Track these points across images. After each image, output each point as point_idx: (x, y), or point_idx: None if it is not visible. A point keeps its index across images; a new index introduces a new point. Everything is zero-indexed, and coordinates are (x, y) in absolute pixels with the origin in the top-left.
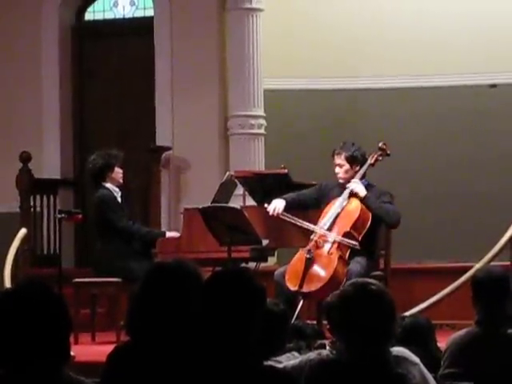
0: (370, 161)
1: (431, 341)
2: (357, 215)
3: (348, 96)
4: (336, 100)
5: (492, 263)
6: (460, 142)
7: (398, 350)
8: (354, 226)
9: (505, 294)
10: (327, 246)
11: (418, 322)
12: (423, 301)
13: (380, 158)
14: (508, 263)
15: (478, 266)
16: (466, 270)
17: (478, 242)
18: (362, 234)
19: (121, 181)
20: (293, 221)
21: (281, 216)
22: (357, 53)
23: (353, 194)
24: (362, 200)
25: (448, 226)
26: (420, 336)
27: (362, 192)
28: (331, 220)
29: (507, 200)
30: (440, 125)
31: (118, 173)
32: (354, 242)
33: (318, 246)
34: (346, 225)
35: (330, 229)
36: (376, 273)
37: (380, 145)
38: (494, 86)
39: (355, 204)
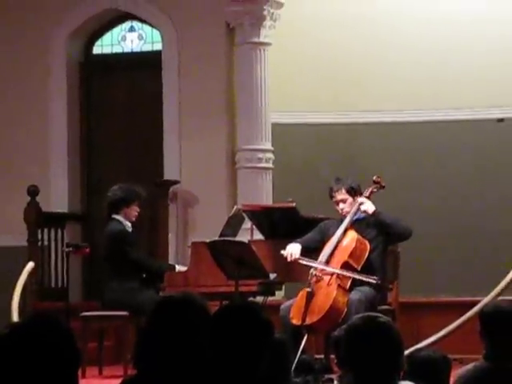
0: (366, 194)
1: (443, 376)
2: (353, 246)
3: (355, 130)
4: (343, 134)
5: (500, 297)
6: (468, 177)
7: None
8: (352, 257)
9: None
10: (326, 278)
11: (433, 357)
12: (432, 335)
13: (375, 191)
14: None
15: (486, 299)
16: (474, 304)
17: (485, 276)
18: (361, 264)
19: (133, 219)
20: (311, 264)
21: (299, 261)
22: (362, 88)
23: (350, 227)
24: (373, 215)
25: (456, 261)
26: (431, 371)
27: (371, 209)
28: (328, 253)
29: None
30: (448, 160)
31: (134, 210)
32: (351, 275)
33: (317, 280)
34: (343, 256)
35: (327, 261)
36: (384, 307)
37: (374, 178)
38: (501, 120)
39: (351, 235)
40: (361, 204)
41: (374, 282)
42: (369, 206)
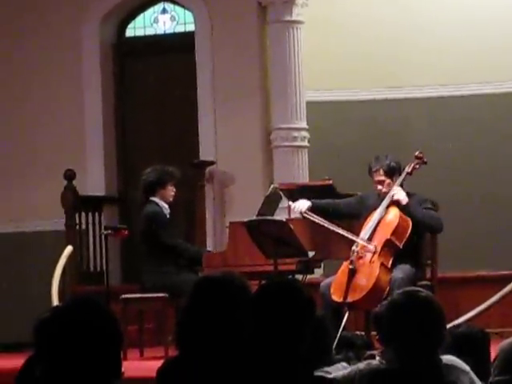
0: (408, 169)
1: (484, 351)
2: (396, 223)
3: (390, 106)
4: (378, 110)
5: None
6: (507, 150)
7: (447, 359)
8: (395, 234)
9: None
10: (369, 256)
11: (471, 332)
12: (471, 310)
13: (417, 167)
14: None
15: None
16: None
17: None
18: (404, 242)
19: (171, 199)
20: (316, 221)
21: (303, 215)
22: (398, 63)
23: (392, 203)
24: (404, 207)
25: (495, 234)
26: (473, 346)
27: (404, 199)
28: (371, 230)
29: None
30: (486, 132)
31: (170, 191)
32: (367, 244)
33: (360, 257)
34: (386, 233)
35: (370, 238)
36: (422, 282)
37: (416, 153)
38: None
39: (394, 212)
40: (393, 195)
41: (373, 249)
42: (401, 197)
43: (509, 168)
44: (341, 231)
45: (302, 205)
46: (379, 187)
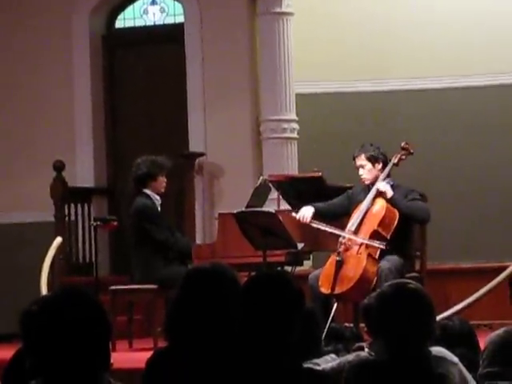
0: (394, 160)
1: (473, 342)
2: (383, 214)
3: (380, 98)
4: (368, 102)
5: None
6: (495, 141)
7: (436, 350)
8: (381, 225)
9: None
10: (356, 247)
11: (462, 325)
12: (460, 301)
13: (403, 158)
14: None
15: None
16: (502, 269)
17: None
18: (391, 233)
19: (162, 190)
20: (323, 228)
21: (310, 224)
22: (388, 55)
23: (379, 194)
24: (389, 200)
25: (483, 226)
26: (463, 338)
27: (389, 193)
28: (358, 221)
29: None
30: (473, 124)
31: (161, 182)
32: (378, 245)
33: (347, 248)
34: (372, 225)
35: (357, 230)
36: (412, 274)
37: (402, 144)
38: None
39: (380, 203)
40: (378, 188)
41: (383, 247)
42: (387, 190)
43: (498, 160)
44: (347, 235)
45: (307, 214)
46: (360, 172)
